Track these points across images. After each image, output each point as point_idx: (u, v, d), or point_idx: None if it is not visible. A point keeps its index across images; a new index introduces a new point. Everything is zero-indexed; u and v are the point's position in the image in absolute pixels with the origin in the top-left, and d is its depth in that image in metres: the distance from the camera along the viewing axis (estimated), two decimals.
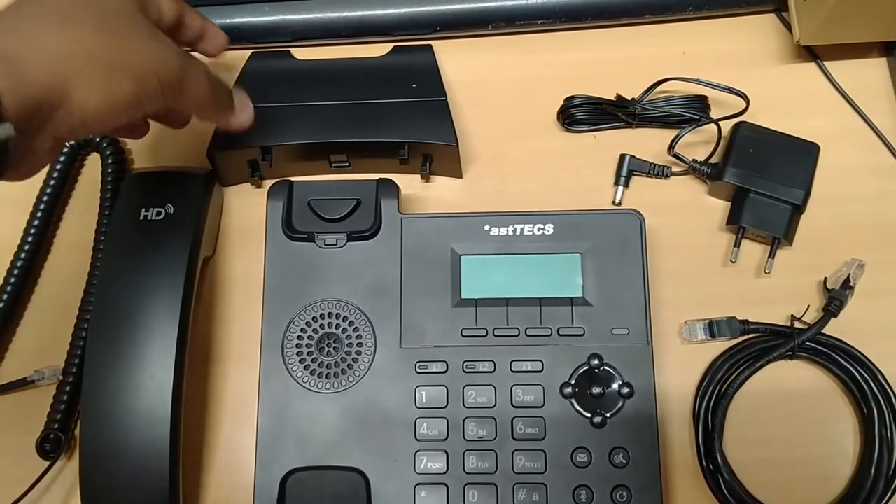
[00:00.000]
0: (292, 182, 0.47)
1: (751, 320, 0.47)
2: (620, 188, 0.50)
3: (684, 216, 0.50)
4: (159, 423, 0.41)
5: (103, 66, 0.33)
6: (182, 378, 0.43)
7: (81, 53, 0.33)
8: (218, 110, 0.43)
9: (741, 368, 0.47)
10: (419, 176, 0.51)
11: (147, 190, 0.46)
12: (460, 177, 0.51)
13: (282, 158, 0.49)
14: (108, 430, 0.41)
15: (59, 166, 0.51)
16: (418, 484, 0.43)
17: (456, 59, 0.54)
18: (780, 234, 0.48)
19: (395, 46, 0.53)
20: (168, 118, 0.45)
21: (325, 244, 0.46)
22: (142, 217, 0.45)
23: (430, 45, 0.52)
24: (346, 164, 0.50)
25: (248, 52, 0.53)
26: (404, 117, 0.48)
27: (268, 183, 0.49)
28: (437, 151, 0.49)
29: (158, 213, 0.45)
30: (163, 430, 0.41)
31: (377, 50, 0.53)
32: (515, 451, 0.43)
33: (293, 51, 0.53)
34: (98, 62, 0.33)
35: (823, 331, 0.47)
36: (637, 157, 0.51)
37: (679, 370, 0.47)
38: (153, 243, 0.44)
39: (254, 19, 0.53)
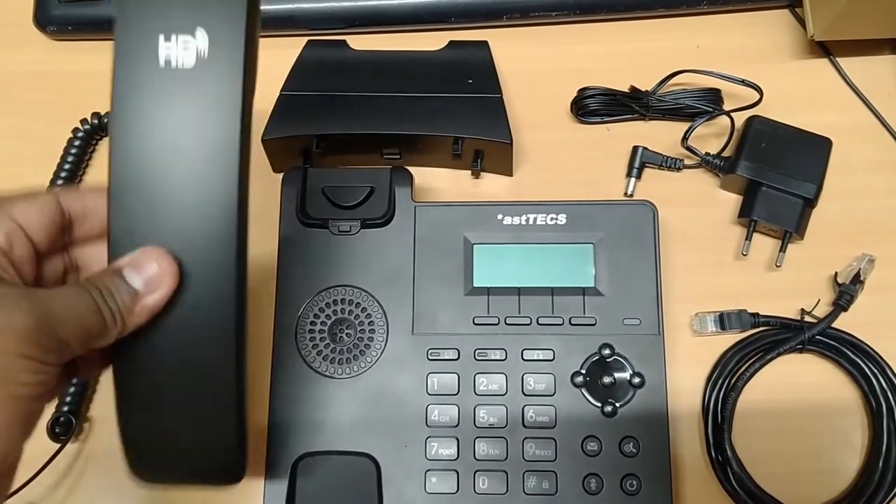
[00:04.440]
0: (307, 169, 0.47)
1: (761, 313, 0.48)
2: (633, 180, 0.50)
3: (696, 209, 0.50)
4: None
5: None
6: (244, 302, 0.32)
7: None
8: (129, 320, 0.30)
9: (751, 361, 0.47)
10: (469, 172, 0.52)
11: (163, 8, 0.30)
12: (511, 175, 0.51)
13: (335, 147, 0.49)
14: (150, 364, 0.32)
15: (73, 150, 0.51)
16: (429, 469, 0.43)
17: None
18: (791, 228, 0.48)
19: (450, 41, 0.53)
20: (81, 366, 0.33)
21: (339, 231, 0.46)
22: (163, 62, 0.30)
23: (486, 42, 0.52)
24: (398, 157, 0.50)
25: (304, 40, 0.53)
26: (459, 113, 0.49)
27: None
28: (490, 149, 0.49)
29: (186, 49, 0.30)
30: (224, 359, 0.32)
31: (419, 42, 0.53)
32: (526, 438, 0.43)
33: (349, 41, 0.53)
34: None
35: (833, 325, 0.47)
36: (650, 149, 0.51)
37: (689, 362, 0.47)
38: (188, 108, 0.30)
39: (308, 5, 0.53)
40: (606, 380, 0.44)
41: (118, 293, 0.30)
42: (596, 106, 0.51)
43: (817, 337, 0.47)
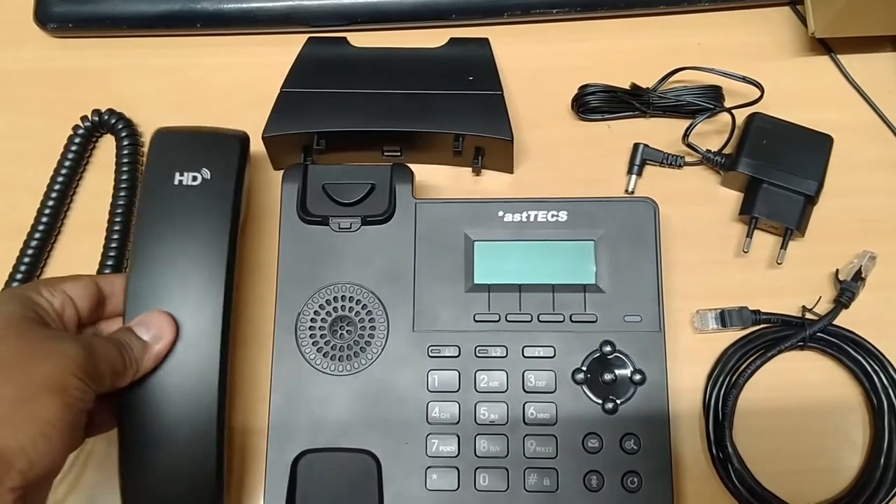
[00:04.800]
0: (307, 166, 0.47)
1: (762, 310, 0.47)
2: (633, 177, 0.50)
3: (697, 206, 0.50)
4: (204, 406, 0.40)
5: (12, 402, 0.33)
6: (227, 356, 0.41)
7: None
8: (141, 364, 0.39)
9: (752, 358, 0.47)
10: (469, 169, 0.52)
11: (179, 151, 0.43)
12: (511, 172, 0.51)
13: (336, 144, 0.49)
14: (149, 418, 0.40)
15: (73, 148, 0.51)
16: (429, 466, 0.43)
17: None
18: (792, 225, 0.48)
19: (451, 38, 0.53)
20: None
21: (340, 228, 0.46)
22: (176, 182, 0.42)
23: (486, 39, 0.52)
24: (399, 154, 0.50)
25: (305, 37, 0.53)
26: (460, 109, 0.49)
27: None
28: (491, 146, 0.49)
29: (194, 179, 0.42)
30: (209, 414, 0.40)
31: (420, 39, 0.53)
32: (527, 435, 0.43)
33: (350, 38, 0.53)
34: (5, 405, 0.33)
35: (834, 322, 0.47)
36: (651, 146, 0.51)
37: (690, 359, 0.47)
38: (191, 212, 0.42)
39: (309, 2, 0.53)
40: (607, 377, 0.44)
41: (133, 344, 0.39)
42: (597, 103, 0.51)
43: (818, 334, 0.47)
